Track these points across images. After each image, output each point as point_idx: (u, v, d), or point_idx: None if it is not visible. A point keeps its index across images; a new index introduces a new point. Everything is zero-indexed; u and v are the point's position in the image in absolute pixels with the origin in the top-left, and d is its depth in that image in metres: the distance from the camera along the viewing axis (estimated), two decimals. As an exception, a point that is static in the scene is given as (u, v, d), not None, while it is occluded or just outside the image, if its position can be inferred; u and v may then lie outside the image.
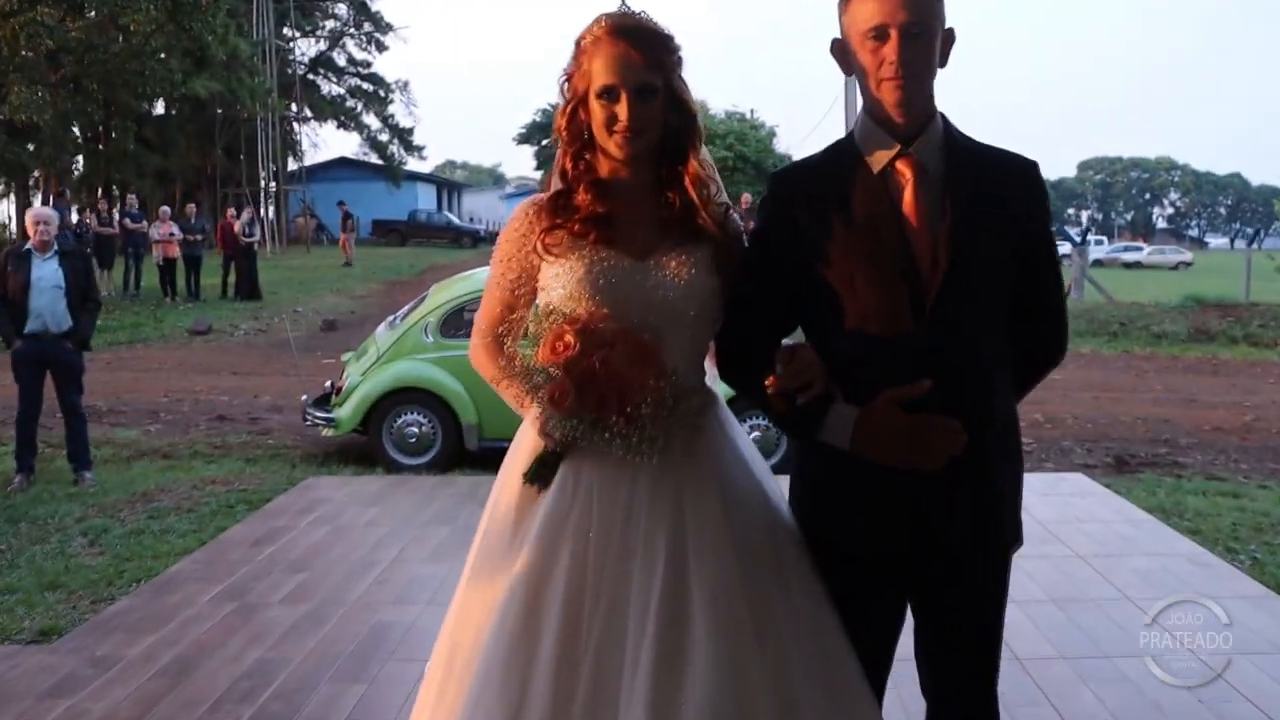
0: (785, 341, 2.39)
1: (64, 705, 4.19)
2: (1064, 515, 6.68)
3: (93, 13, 16.46)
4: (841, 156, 2.34)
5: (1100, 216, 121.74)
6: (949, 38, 2.29)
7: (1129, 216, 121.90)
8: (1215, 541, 6.44)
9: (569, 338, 2.15)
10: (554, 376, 2.16)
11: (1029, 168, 2.37)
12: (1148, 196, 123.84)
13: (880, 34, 2.21)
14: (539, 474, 2.30)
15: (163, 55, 20.00)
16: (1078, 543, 6.17)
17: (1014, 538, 2.41)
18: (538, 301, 2.37)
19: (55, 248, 8.27)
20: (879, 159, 2.28)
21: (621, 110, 2.28)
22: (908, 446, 2.20)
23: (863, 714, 2.28)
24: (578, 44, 2.36)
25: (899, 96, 2.22)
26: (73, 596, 5.64)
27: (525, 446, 2.37)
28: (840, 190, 2.29)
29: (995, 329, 2.32)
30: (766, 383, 2.28)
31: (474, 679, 2.22)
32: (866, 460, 2.23)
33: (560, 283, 2.31)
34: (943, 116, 2.34)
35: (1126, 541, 6.24)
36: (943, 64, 2.29)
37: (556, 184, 2.42)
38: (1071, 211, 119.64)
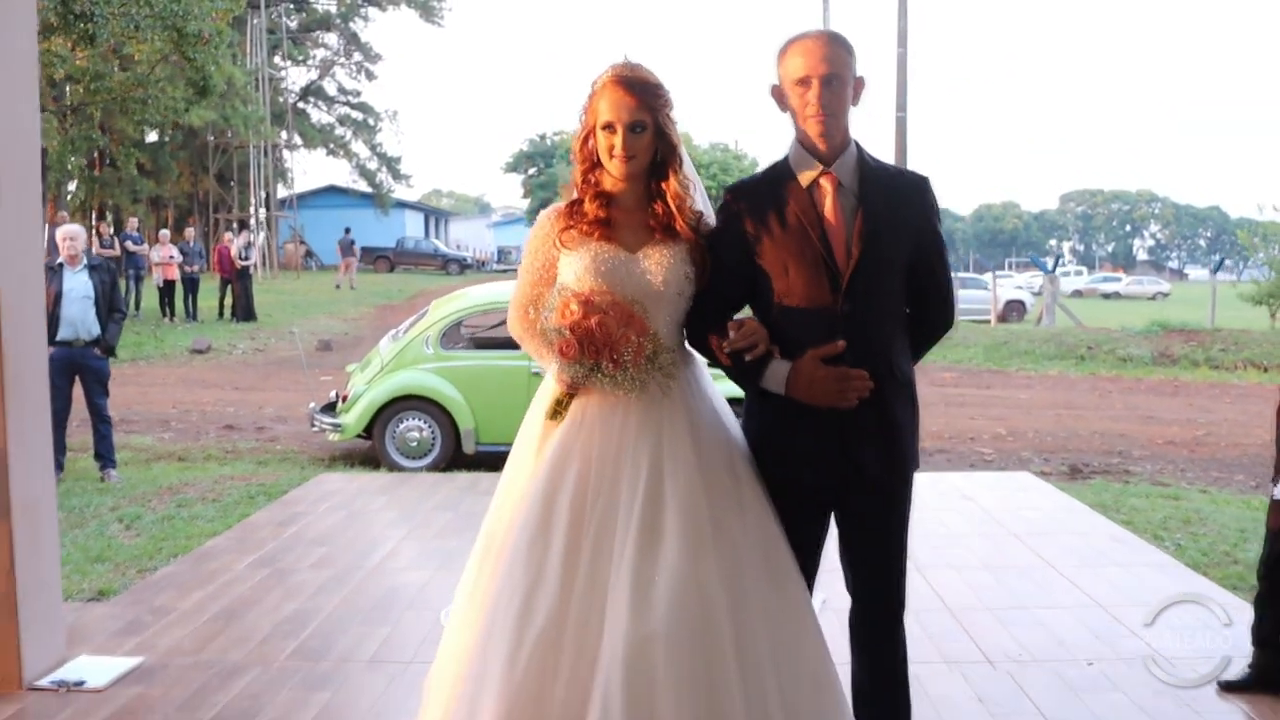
0: (737, 316, 3.16)
1: (134, 641, 4.91)
2: (1007, 505, 7.44)
3: (101, 43, 17.15)
4: (778, 175, 3.11)
5: (1082, 248, 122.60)
6: (860, 84, 3.06)
7: (1110, 248, 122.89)
8: (1144, 530, 7.10)
9: (574, 306, 2.94)
10: (563, 334, 2.93)
11: (923, 182, 3.15)
12: (1128, 228, 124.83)
13: (805, 82, 2.98)
14: (557, 411, 3.07)
15: (166, 84, 20.70)
16: (1014, 524, 6.93)
17: (914, 463, 3.17)
18: (558, 282, 3.12)
19: (85, 261, 9.00)
20: (806, 177, 3.05)
21: (618, 141, 3.04)
22: (828, 391, 2.96)
23: (794, 592, 3.03)
24: (592, 86, 3.12)
25: (820, 130, 3.00)
26: (120, 567, 6.30)
27: (547, 394, 3.13)
28: (776, 200, 3.06)
29: (895, 304, 3.10)
30: (723, 345, 3.04)
31: (505, 558, 2.98)
32: (799, 403, 2.98)
33: (572, 268, 3.07)
34: (857, 144, 3.11)
35: (1059, 524, 6.99)
36: (855, 104, 3.06)
37: (572, 194, 3.18)
38: (1053, 242, 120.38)
